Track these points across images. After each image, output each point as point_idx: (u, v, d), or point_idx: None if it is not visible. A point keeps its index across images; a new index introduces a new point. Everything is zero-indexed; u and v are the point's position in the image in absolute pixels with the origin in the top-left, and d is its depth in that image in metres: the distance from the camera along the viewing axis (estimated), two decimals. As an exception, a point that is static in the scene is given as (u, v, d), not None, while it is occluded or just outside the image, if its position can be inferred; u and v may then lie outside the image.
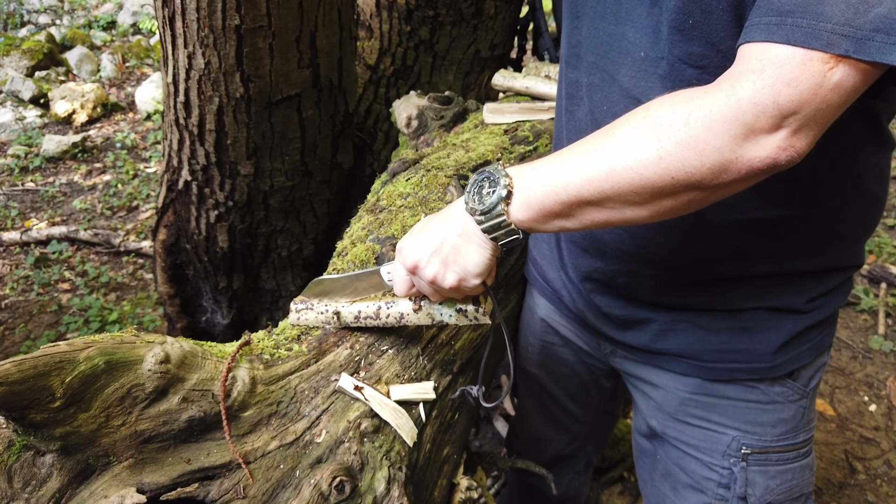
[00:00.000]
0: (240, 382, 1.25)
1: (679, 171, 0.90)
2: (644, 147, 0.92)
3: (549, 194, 1.01)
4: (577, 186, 0.98)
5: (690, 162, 0.89)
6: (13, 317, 4.03)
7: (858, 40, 0.81)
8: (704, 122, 0.87)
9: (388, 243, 1.63)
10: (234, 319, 2.74)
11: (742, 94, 0.85)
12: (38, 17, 9.13)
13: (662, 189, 0.93)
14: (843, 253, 1.30)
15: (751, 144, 0.86)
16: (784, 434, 1.41)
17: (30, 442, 1.10)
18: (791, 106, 0.84)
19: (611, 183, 0.95)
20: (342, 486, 1.16)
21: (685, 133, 0.89)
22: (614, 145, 0.96)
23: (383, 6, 2.79)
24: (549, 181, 1.02)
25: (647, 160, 0.92)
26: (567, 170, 1.00)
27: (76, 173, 5.69)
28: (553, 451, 2.02)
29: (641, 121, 0.94)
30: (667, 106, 0.92)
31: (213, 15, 1.93)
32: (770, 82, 0.84)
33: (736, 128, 0.86)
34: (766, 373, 1.35)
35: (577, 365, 1.76)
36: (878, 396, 3.58)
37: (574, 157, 1.01)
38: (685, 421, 1.48)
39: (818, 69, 0.82)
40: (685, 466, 1.52)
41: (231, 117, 2.16)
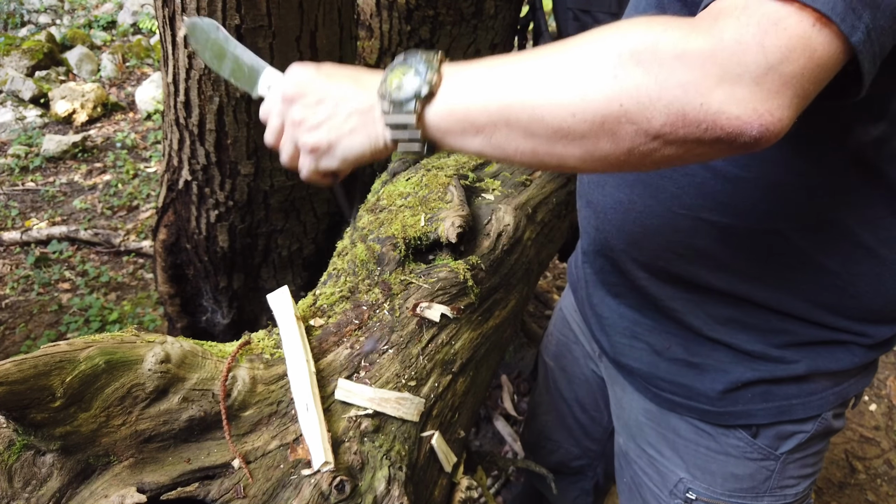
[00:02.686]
0: (240, 382, 1.25)
1: (630, 99, 0.74)
2: (602, 61, 0.76)
3: (475, 102, 0.85)
4: (510, 99, 0.81)
5: (648, 91, 0.73)
6: (13, 316, 4.03)
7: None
8: (676, 48, 0.72)
9: (389, 243, 1.63)
10: (235, 319, 2.74)
11: (725, 31, 0.72)
12: (38, 16, 9.13)
13: (606, 118, 0.75)
14: (822, 304, 1.14)
15: (722, 93, 0.71)
16: (738, 491, 1.32)
17: (30, 441, 1.10)
18: (777, 54, 0.70)
19: (551, 99, 0.78)
20: (342, 485, 1.16)
21: (651, 55, 0.73)
22: (570, 54, 0.79)
23: (383, 6, 2.79)
24: (479, 87, 0.85)
25: (601, 76, 0.75)
26: (503, 76, 0.83)
27: (76, 173, 5.69)
28: (559, 457, 2.00)
29: (601, 34, 0.79)
30: (640, 24, 0.76)
31: (214, 15, 1.93)
32: (756, 20, 0.71)
33: (710, 66, 0.71)
34: (709, 416, 1.27)
35: (585, 368, 1.76)
36: (878, 396, 3.58)
37: (516, 64, 0.83)
38: (642, 447, 1.45)
39: (804, 16, 0.70)
40: (643, 493, 1.50)
41: (231, 117, 2.16)
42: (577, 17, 2.89)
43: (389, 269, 1.60)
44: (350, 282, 1.59)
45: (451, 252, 1.67)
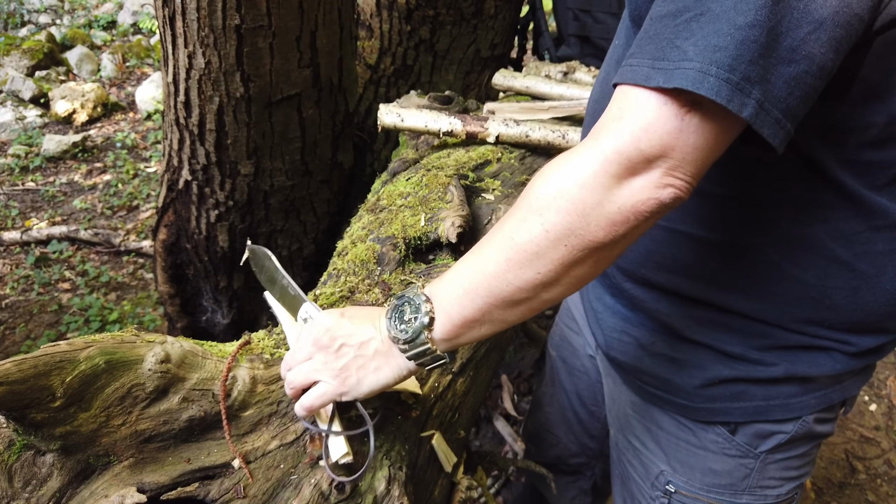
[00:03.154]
0: (240, 382, 1.25)
1: (570, 238, 0.88)
2: (529, 226, 0.90)
3: (466, 307, 0.99)
4: (487, 287, 0.95)
5: (577, 225, 0.87)
6: (13, 316, 4.03)
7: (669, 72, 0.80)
8: (577, 182, 0.85)
9: (389, 243, 1.63)
10: (235, 319, 2.74)
11: (606, 146, 0.83)
12: (38, 16, 9.13)
13: (563, 260, 0.90)
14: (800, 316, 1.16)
15: (626, 191, 0.84)
16: (716, 487, 1.33)
17: (30, 441, 1.10)
18: (655, 151, 0.82)
19: (513, 271, 0.92)
20: (342, 485, 1.16)
21: (562, 200, 0.87)
22: (504, 234, 0.93)
23: (383, 6, 2.79)
24: (461, 292, 0.99)
25: (537, 237, 0.89)
26: (472, 274, 0.98)
27: (76, 173, 5.69)
28: (558, 452, 2.01)
29: (522, 202, 0.93)
30: (539, 179, 0.91)
31: (214, 14, 1.93)
32: (629, 129, 0.82)
33: (607, 180, 0.84)
34: (688, 411, 1.29)
35: (585, 359, 1.77)
36: (878, 396, 3.58)
37: (474, 259, 0.98)
38: (629, 438, 1.47)
39: (673, 112, 0.81)
40: (629, 483, 1.53)
41: (231, 117, 2.16)
42: (577, 17, 2.90)
43: (389, 268, 1.60)
44: (350, 282, 1.59)
45: (451, 252, 1.67)
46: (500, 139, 2.06)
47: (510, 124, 2.07)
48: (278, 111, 2.21)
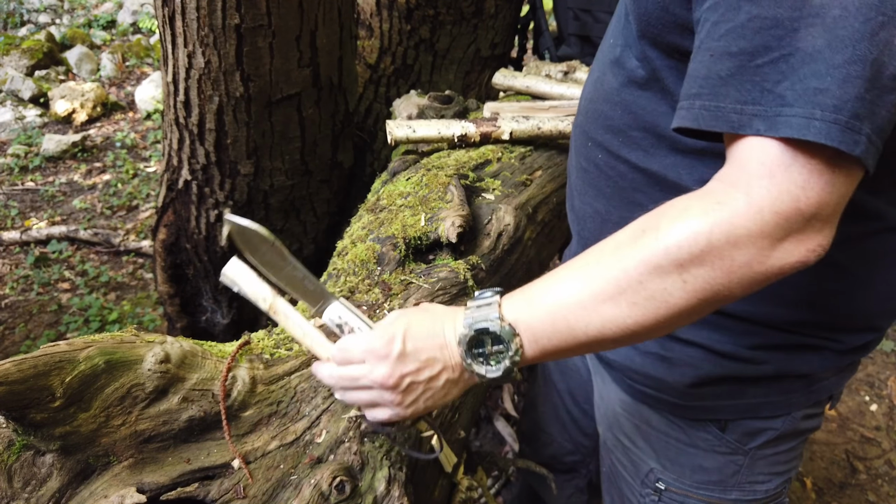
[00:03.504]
0: (240, 382, 1.25)
1: (707, 291, 0.85)
2: (666, 276, 0.85)
3: (565, 340, 0.94)
4: (599, 328, 0.91)
5: (718, 282, 0.83)
6: (13, 316, 4.03)
7: (769, 118, 0.78)
8: (729, 240, 0.81)
9: (389, 243, 1.63)
10: (234, 319, 2.74)
11: (762, 203, 0.79)
12: (37, 16, 9.13)
13: (689, 310, 0.87)
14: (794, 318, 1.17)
15: (780, 253, 0.81)
16: (706, 483, 1.34)
17: (30, 441, 1.10)
18: (812, 208, 0.79)
19: (635, 317, 0.88)
20: (342, 485, 1.16)
21: (709, 254, 0.82)
22: (630, 277, 0.88)
23: (383, 5, 2.79)
24: (564, 329, 0.94)
25: (672, 288, 0.85)
26: (580, 310, 0.92)
27: (76, 173, 5.69)
28: (553, 451, 2.02)
29: (654, 243, 0.86)
30: (678, 224, 0.84)
31: (213, 14, 1.93)
32: (786, 187, 0.78)
33: (762, 240, 0.80)
34: (679, 410, 1.29)
35: (577, 358, 1.77)
36: (879, 396, 3.58)
37: (583, 291, 0.92)
38: (618, 437, 1.47)
39: (822, 166, 0.78)
40: (618, 481, 1.53)
41: (231, 116, 2.16)
42: (577, 17, 2.90)
43: (389, 268, 1.60)
44: (350, 282, 1.59)
45: (451, 252, 1.67)
46: (514, 135, 2.07)
47: (521, 120, 2.07)
48: (278, 111, 2.21)
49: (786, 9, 0.77)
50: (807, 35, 0.75)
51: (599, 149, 1.23)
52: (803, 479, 3.10)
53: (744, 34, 0.80)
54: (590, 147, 1.25)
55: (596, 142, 1.23)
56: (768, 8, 0.78)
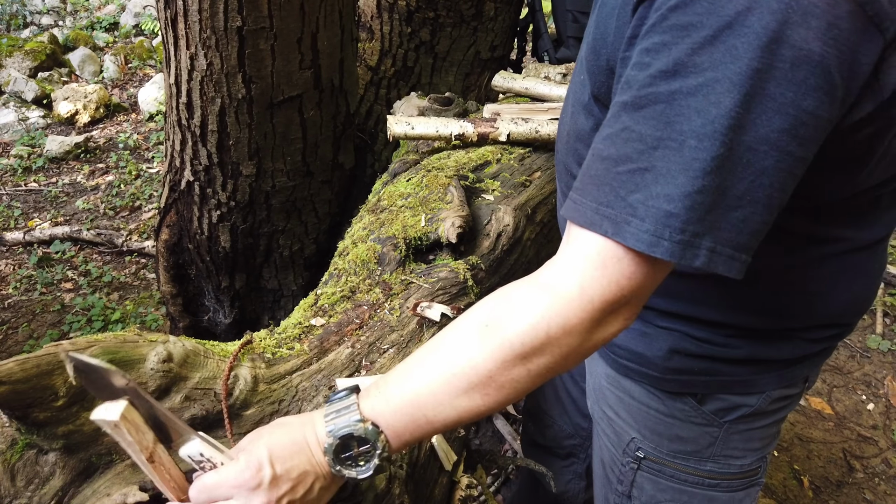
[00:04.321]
0: (242, 381, 1.26)
1: (549, 373, 0.95)
2: (513, 369, 0.94)
3: (426, 431, 1.01)
4: (456, 418, 0.98)
5: (555, 364, 0.93)
6: (16, 316, 4.04)
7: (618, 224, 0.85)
8: (564, 329, 0.90)
9: (389, 243, 1.64)
10: (237, 319, 2.75)
11: (592, 293, 0.88)
12: (40, 18, 9.14)
13: (534, 387, 0.96)
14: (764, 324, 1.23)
15: (601, 331, 0.92)
16: (682, 453, 1.38)
17: (32, 440, 1.10)
18: (634, 293, 0.89)
19: (488, 404, 0.97)
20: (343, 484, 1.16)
21: (549, 346, 0.91)
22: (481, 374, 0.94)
23: (384, 8, 2.80)
24: (424, 423, 0.99)
25: (519, 378, 0.94)
26: (440, 406, 0.97)
27: (79, 173, 5.70)
28: (553, 433, 2.04)
29: (499, 341, 0.93)
30: (517, 319, 0.93)
31: (215, 16, 1.94)
32: (615, 279, 0.87)
33: (590, 324, 0.90)
34: (658, 382, 1.34)
35: None
36: (875, 395, 3.58)
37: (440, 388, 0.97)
38: (603, 409, 1.51)
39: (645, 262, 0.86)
40: (603, 453, 1.57)
41: (233, 118, 2.17)
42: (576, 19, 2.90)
43: (390, 269, 1.61)
44: (351, 282, 1.60)
45: (451, 252, 1.68)
46: (512, 137, 2.08)
47: (519, 122, 2.08)
48: (280, 112, 2.22)
49: (651, 128, 0.83)
50: (663, 156, 0.82)
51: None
52: (801, 477, 3.10)
53: (614, 142, 0.87)
54: (570, 178, 1.30)
55: (572, 175, 1.28)
56: (637, 124, 0.85)
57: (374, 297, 1.55)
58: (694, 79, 0.80)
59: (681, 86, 0.81)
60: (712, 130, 0.80)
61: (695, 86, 0.80)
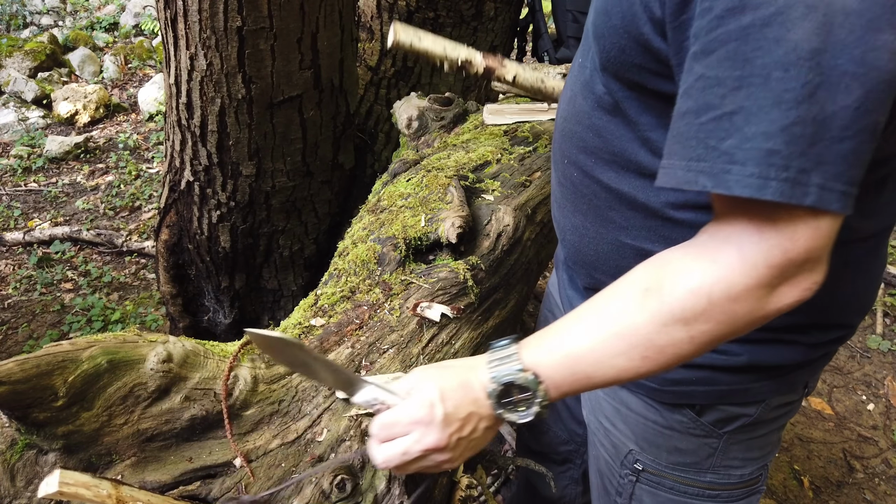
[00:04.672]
0: (242, 381, 1.26)
1: (714, 340, 0.92)
2: (673, 333, 0.92)
3: (581, 387, 1.03)
4: (614, 377, 0.99)
5: (723, 331, 0.90)
6: (16, 316, 4.04)
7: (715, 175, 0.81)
8: (729, 297, 0.87)
9: (389, 243, 1.64)
10: (236, 319, 2.75)
11: (755, 258, 0.85)
12: (40, 18, 9.14)
13: (698, 353, 0.94)
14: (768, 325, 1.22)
15: (777, 298, 0.87)
16: (682, 465, 1.37)
17: (32, 440, 1.11)
18: (802, 256, 0.84)
19: (648, 366, 0.96)
20: (343, 484, 1.17)
21: (712, 312, 0.88)
22: (641, 335, 0.95)
23: (384, 8, 2.80)
24: (582, 378, 1.01)
25: (680, 343, 0.92)
26: (598, 364, 0.99)
27: (79, 174, 5.70)
28: (548, 440, 2.04)
29: (659, 305, 0.92)
30: (679, 286, 0.91)
31: (215, 16, 1.94)
32: (775, 241, 0.83)
33: (759, 291, 0.86)
34: (655, 394, 1.33)
35: None
36: (876, 395, 3.58)
37: (601, 346, 0.99)
38: (599, 420, 1.50)
39: (811, 218, 0.82)
40: (599, 463, 1.56)
41: (233, 118, 2.17)
42: (576, 19, 2.90)
43: (390, 269, 1.61)
44: (351, 282, 1.60)
45: (451, 252, 1.68)
46: (517, 80, 2.02)
47: (527, 69, 2.06)
48: (280, 112, 2.22)
49: (729, 69, 0.80)
50: (749, 94, 0.79)
51: (574, 168, 1.26)
52: (801, 477, 3.10)
53: (691, 94, 0.84)
54: (566, 165, 1.28)
55: (571, 161, 1.26)
56: (712, 69, 0.81)
57: (374, 297, 1.55)
58: (765, 9, 0.77)
59: (752, 19, 0.78)
60: (797, 57, 0.76)
61: (767, 16, 0.77)
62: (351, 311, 1.52)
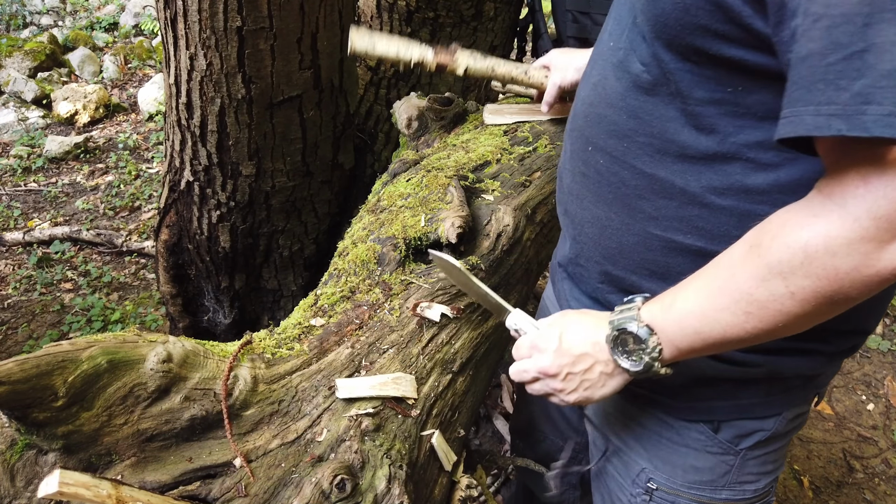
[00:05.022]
0: (241, 381, 1.26)
1: (818, 298, 0.88)
2: (772, 287, 0.90)
3: (695, 344, 1.04)
4: (721, 333, 0.99)
5: (828, 289, 0.86)
6: (16, 316, 4.04)
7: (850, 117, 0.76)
8: (828, 251, 0.83)
9: (389, 243, 1.64)
10: (236, 319, 2.75)
11: (857, 212, 0.80)
12: (40, 18, 9.14)
13: (808, 314, 0.91)
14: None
15: (890, 254, 0.81)
16: (698, 483, 1.36)
17: (32, 441, 1.11)
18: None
19: (752, 323, 0.95)
20: (343, 484, 1.17)
21: (811, 267, 0.85)
22: (739, 288, 0.94)
23: (384, 8, 2.80)
24: (692, 333, 1.03)
25: (781, 297, 0.90)
26: (705, 319, 1.00)
27: (79, 174, 5.70)
28: (545, 448, 2.03)
29: (758, 260, 0.91)
30: (778, 239, 0.89)
31: (215, 16, 1.94)
32: (882, 192, 0.78)
33: (864, 246, 0.81)
34: (672, 410, 1.31)
35: None
36: (875, 395, 3.58)
37: (706, 301, 1.00)
38: (608, 437, 1.48)
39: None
40: (607, 481, 1.54)
41: (233, 118, 2.17)
42: (575, 19, 2.90)
43: (390, 269, 1.61)
44: (351, 282, 1.60)
45: (451, 252, 1.68)
46: (469, 71, 2.03)
47: (477, 59, 2.04)
48: (279, 112, 2.22)
49: (854, 6, 0.75)
50: (880, 30, 0.74)
51: (601, 153, 1.22)
52: (801, 477, 3.10)
53: (812, 37, 0.79)
54: (590, 152, 1.25)
55: (597, 146, 1.23)
56: (834, 7, 0.77)
57: (374, 297, 1.55)
58: None
59: None
60: None
61: None
62: (351, 311, 1.52)
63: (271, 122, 2.23)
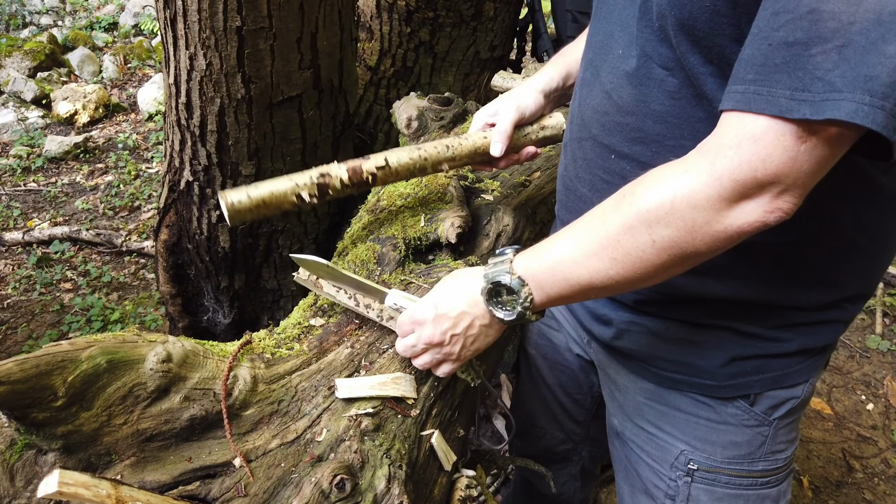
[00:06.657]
0: (241, 381, 1.26)
1: (674, 249, 0.98)
2: (637, 234, 0.99)
3: (563, 291, 1.13)
4: (588, 279, 1.08)
5: (683, 240, 0.96)
6: (15, 316, 4.05)
7: (816, 104, 0.83)
8: (689, 203, 0.94)
9: (389, 243, 1.64)
10: (236, 319, 2.75)
11: (721, 170, 0.90)
12: (39, 18, 9.14)
13: (663, 265, 1.01)
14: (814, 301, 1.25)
15: (737, 213, 0.92)
16: (737, 458, 1.38)
17: (32, 441, 1.11)
18: (769, 178, 0.88)
19: (615, 269, 1.04)
20: (343, 484, 1.16)
21: (673, 217, 0.96)
22: (608, 234, 1.04)
23: (384, 8, 2.80)
24: (561, 279, 1.12)
25: (643, 244, 1.00)
26: (572, 265, 1.09)
27: (78, 174, 5.71)
28: (546, 443, 2.03)
29: (629, 208, 1.01)
30: (650, 190, 0.99)
31: (215, 16, 1.94)
32: (746, 158, 0.88)
33: (719, 203, 0.92)
34: (711, 390, 1.33)
35: (568, 353, 1.78)
36: (875, 395, 3.59)
37: (574, 247, 1.09)
38: (640, 425, 1.49)
39: (791, 142, 0.86)
40: (639, 470, 1.54)
41: (232, 118, 2.17)
42: (575, 19, 2.91)
43: (389, 269, 1.61)
44: (350, 282, 1.60)
45: (450, 252, 1.68)
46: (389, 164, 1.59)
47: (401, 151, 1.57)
48: (279, 112, 2.22)
49: (843, 3, 0.81)
50: (862, 29, 0.80)
51: (627, 161, 1.22)
52: (800, 477, 3.10)
53: (801, 26, 0.84)
54: (613, 160, 1.25)
55: (622, 154, 1.23)
56: (825, 3, 0.82)
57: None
58: None
59: None
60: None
61: None
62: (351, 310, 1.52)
63: (271, 122, 2.23)
